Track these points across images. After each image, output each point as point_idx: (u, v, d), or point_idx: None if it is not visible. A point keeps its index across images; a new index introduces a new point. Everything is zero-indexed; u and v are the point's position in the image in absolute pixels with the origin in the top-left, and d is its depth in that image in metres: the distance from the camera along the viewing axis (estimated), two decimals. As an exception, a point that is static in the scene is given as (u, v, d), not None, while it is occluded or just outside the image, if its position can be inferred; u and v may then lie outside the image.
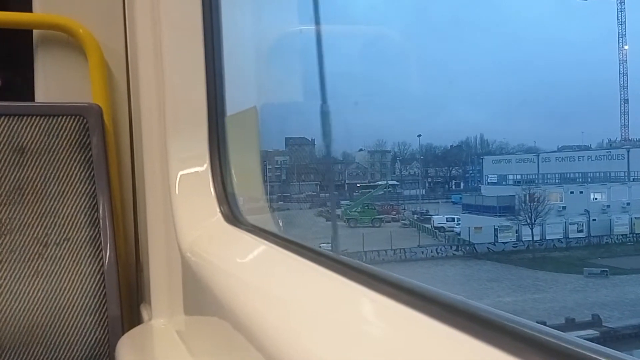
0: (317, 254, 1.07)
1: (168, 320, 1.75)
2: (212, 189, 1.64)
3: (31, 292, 1.83)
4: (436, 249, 29.30)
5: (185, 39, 1.64)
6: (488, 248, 28.94)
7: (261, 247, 1.34)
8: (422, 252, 29.06)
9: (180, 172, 1.66)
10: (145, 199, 1.80)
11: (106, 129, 1.97)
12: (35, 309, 1.83)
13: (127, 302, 2.02)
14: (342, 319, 0.83)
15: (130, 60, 2.05)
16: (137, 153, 2.00)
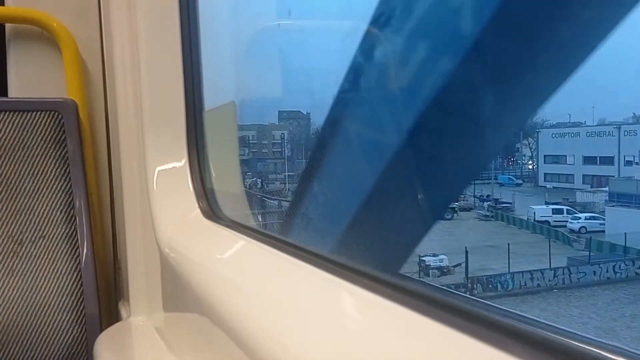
0: (297, 249, 1.07)
1: (147, 317, 1.73)
2: (190, 185, 1.62)
3: (6, 290, 1.80)
4: (613, 268, 19.14)
5: (162, 32, 1.62)
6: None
7: (240, 243, 1.33)
8: (594, 273, 18.60)
9: (158, 168, 1.65)
10: (122, 195, 1.78)
11: (82, 125, 1.94)
12: (11, 307, 1.80)
13: (105, 299, 2.00)
14: (323, 313, 0.83)
15: (105, 55, 2.02)
16: (114, 149, 1.98)
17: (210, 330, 1.04)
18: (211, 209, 1.57)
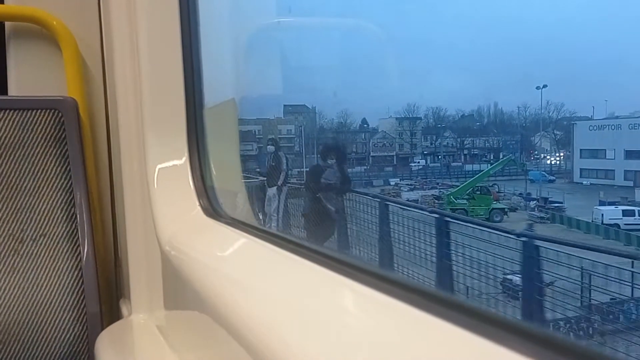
0: (297, 246, 1.06)
1: (148, 316, 1.73)
2: (191, 183, 1.62)
3: (7, 289, 1.80)
4: None
5: (162, 29, 1.62)
6: None
7: (241, 240, 1.33)
8: None
9: (159, 166, 1.64)
10: (123, 193, 1.77)
11: (82, 123, 1.94)
12: (12, 306, 1.80)
13: (106, 297, 1.99)
14: (324, 310, 0.83)
15: (105, 53, 2.02)
16: (114, 147, 1.98)
17: (211, 327, 1.04)
18: (212, 207, 1.57)
